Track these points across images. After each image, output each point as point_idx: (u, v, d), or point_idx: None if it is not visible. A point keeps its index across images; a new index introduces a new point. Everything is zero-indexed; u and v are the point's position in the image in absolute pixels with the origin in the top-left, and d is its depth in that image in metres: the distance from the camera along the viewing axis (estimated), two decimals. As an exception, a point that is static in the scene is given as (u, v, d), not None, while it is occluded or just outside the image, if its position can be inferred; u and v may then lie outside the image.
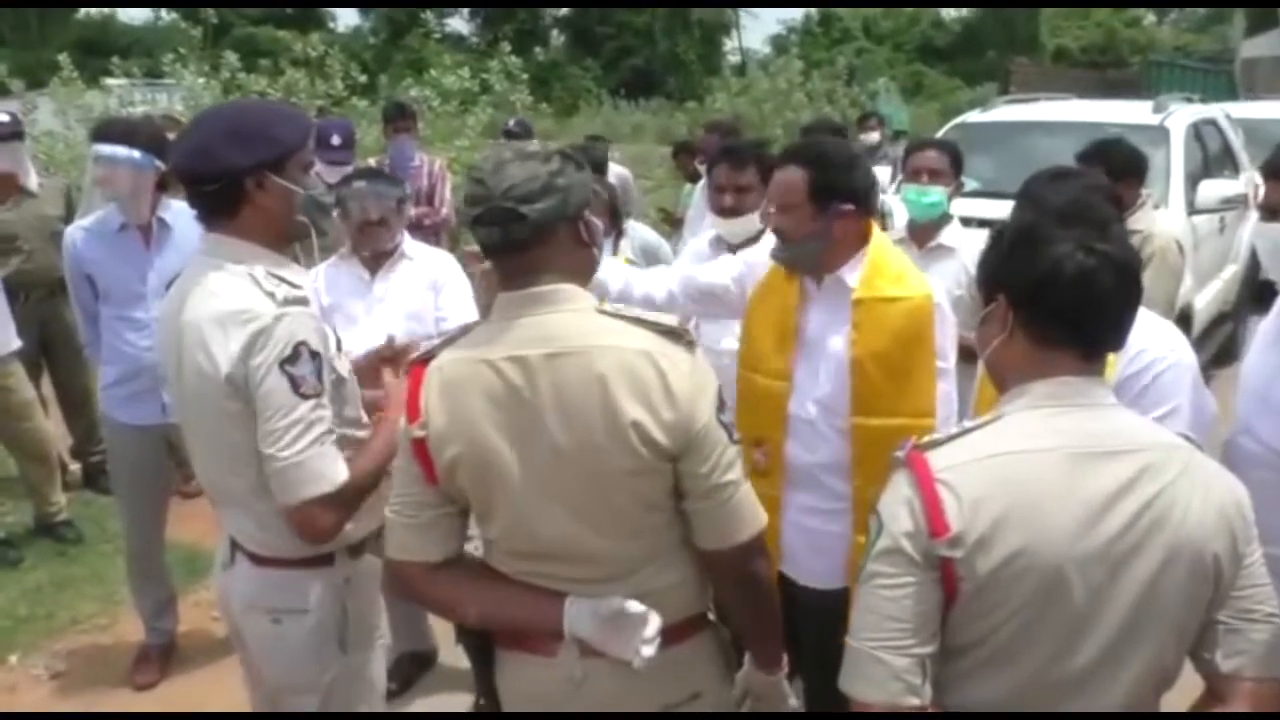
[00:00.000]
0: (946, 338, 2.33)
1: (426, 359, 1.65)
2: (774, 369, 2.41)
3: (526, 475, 1.59)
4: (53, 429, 5.03)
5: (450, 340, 1.67)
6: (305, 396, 1.85)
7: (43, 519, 4.59)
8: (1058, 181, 2.18)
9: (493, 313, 1.65)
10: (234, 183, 1.90)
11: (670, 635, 1.63)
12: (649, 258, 3.92)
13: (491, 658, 1.76)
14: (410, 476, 1.67)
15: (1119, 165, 3.42)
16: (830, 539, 2.37)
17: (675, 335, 1.60)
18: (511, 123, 7.16)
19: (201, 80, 9.91)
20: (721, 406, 1.61)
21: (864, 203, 2.35)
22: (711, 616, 1.78)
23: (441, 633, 3.58)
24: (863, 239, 2.36)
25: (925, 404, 2.28)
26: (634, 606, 1.60)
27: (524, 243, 1.58)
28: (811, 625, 2.41)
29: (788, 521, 2.43)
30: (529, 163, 1.58)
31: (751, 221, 3.05)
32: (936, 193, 3.49)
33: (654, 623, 1.60)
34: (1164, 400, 1.94)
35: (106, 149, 3.21)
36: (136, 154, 3.21)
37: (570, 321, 1.58)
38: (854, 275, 2.33)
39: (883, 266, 2.33)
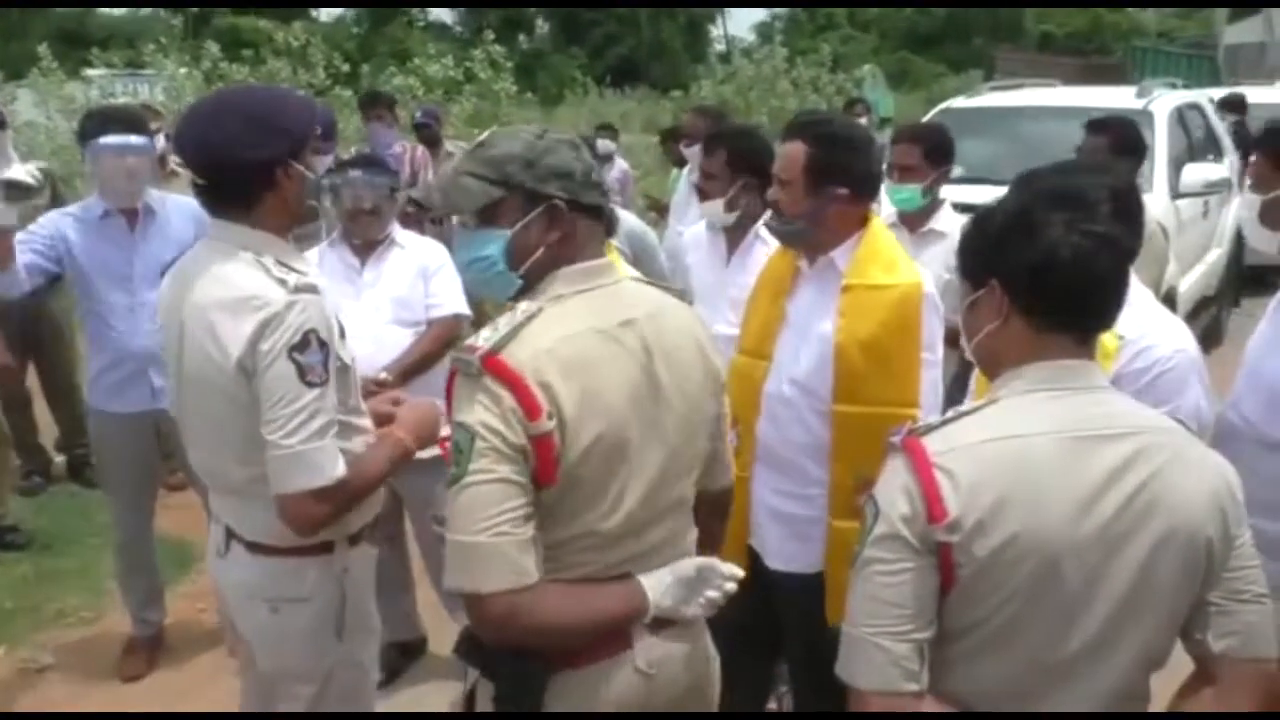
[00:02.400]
0: (935, 329, 2.31)
1: (494, 351, 1.49)
2: (757, 348, 2.41)
3: (645, 441, 1.57)
4: (39, 421, 5.01)
5: (518, 327, 1.52)
6: (311, 385, 1.83)
7: None
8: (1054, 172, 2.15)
9: (560, 286, 1.59)
10: (263, 172, 1.89)
11: None
12: (635, 245, 3.91)
13: (543, 690, 1.58)
14: (517, 487, 1.47)
15: (1122, 141, 3.56)
16: (806, 524, 2.35)
17: (684, 297, 1.78)
18: (420, 114, 7.09)
19: (183, 70, 9.86)
20: None
21: (861, 188, 2.33)
22: None
23: (430, 622, 3.58)
24: (859, 223, 2.34)
25: (910, 393, 2.26)
26: (717, 563, 1.67)
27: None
28: (792, 610, 2.41)
29: (757, 501, 2.41)
30: None
31: (718, 206, 3.05)
32: (909, 190, 3.50)
33: (730, 569, 1.66)
34: (1164, 401, 1.91)
35: (134, 139, 3.20)
36: (146, 140, 3.23)
37: (633, 285, 1.69)
38: (845, 259, 2.31)
39: (877, 253, 2.31)
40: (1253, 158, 2.50)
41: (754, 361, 2.40)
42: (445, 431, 3.45)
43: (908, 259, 2.38)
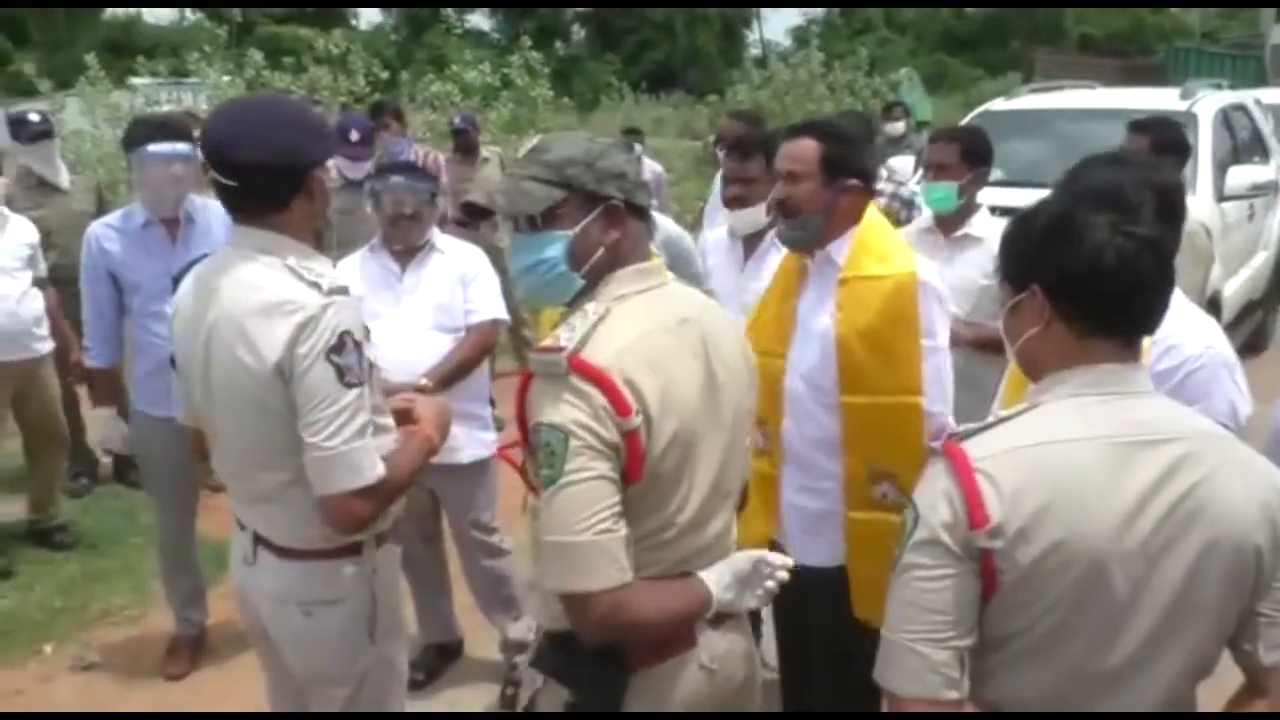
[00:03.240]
0: (933, 315, 2.36)
1: (576, 352, 1.51)
2: (770, 347, 2.45)
3: (708, 435, 1.61)
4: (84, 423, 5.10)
5: (593, 327, 1.54)
6: (350, 386, 1.84)
7: (36, 523, 4.60)
8: (1098, 167, 2.12)
9: (626, 285, 1.61)
10: (302, 173, 1.92)
11: None
12: (671, 250, 3.91)
13: (624, 693, 1.60)
14: (613, 484, 1.49)
15: (1164, 140, 3.57)
16: (817, 517, 2.42)
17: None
18: (459, 119, 7.11)
19: (226, 78, 9.99)
20: None
21: (868, 180, 2.48)
22: None
23: (468, 625, 3.61)
24: (857, 217, 2.42)
25: (912, 381, 2.32)
26: (769, 556, 1.69)
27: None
28: (813, 605, 2.43)
29: (785, 500, 2.47)
30: None
31: (759, 213, 3.05)
32: (943, 188, 3.46)
33: (782, 559, 1.69)
34: (1194, 400, 1.89)
35: (181, 147, 3.27)
36: (192, 148, 3.29)
37: (679, 287, 1.72)
38: (842, 253, 2.40)
39: (870, 244, 2.39)
40: None
41: (771, 360, 2.44)
42: (490, 438, 3.46)
43: (903, 248, 2.44)
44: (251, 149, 1.88)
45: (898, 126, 8.53)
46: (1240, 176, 5.98)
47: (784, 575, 1.68)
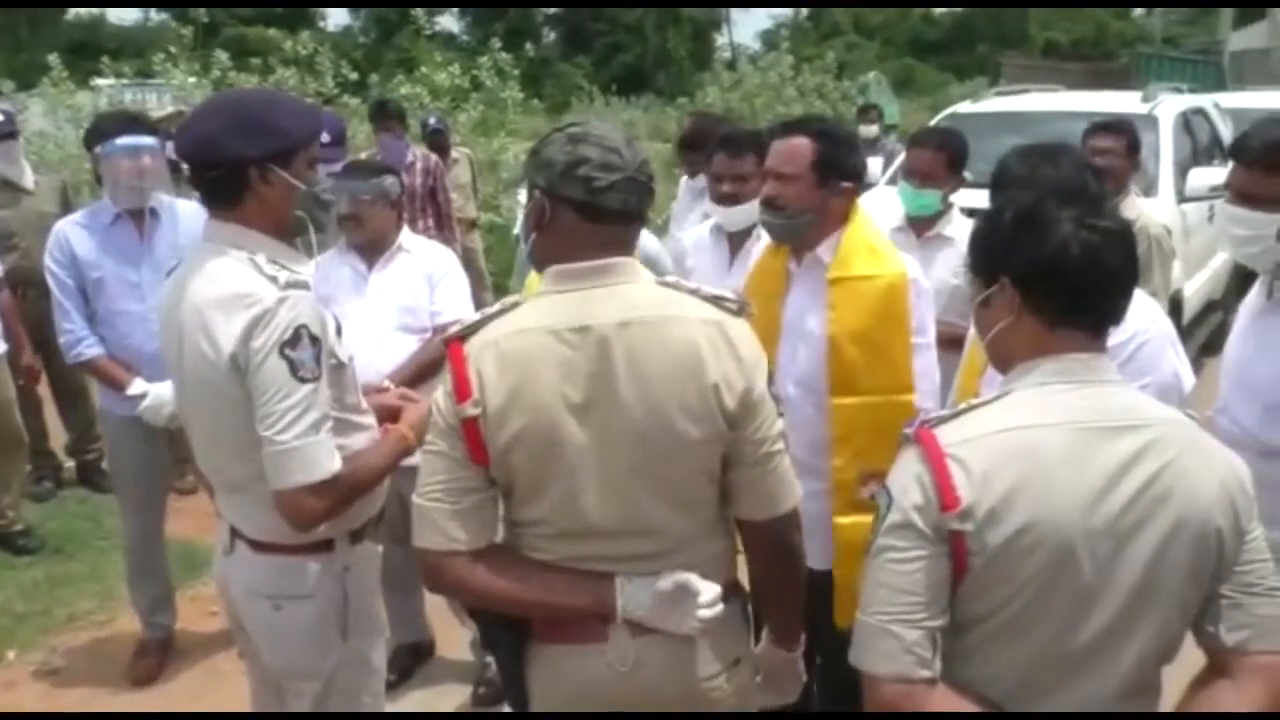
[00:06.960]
0: (924, 313, 2.37)
1: (462, 337, 1.60)
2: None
3: (594, 447, 1.57)
4: (49, 426, 5.04)
5: (489, 317, 1.61)
6: (303, 380, 1.84)
7: None
8: (1047, 160, 2.14)
9: (546, 284, 1.62)
10: (238, 172, 1.90)
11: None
12: (647, 265, 3.92)
13: (523, 656, 1.71)
14: (452, 461, 1.60)
15: (1133, 139, 3.88)
16: (815, 520, 2.35)
17: (732, 307, 1.65)
18: (433, 120, 7.32)
19: (192, 80, 9.89)
20: (770, 377, 1.67)
21: (860, 182, 2.44)
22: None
23: (439, 624, 3.60)
24: (846, 218, 2.40)
25: (902, 380, 2.32)
26: (695, 581, 1.63)
27: (639, 213, 1.65)
28: (808, 607, 2.44)
29: None
30: (636, 144, 1.68)
31: (752, 209, 3.07)
32: (929, 196, 3.47)
33: (713, 592, 1.64)
34: (1145, 372, 1.95)
35: (146, 139, 3.27)
36: (157, 141, 3.30)
37: (639, 291, 1.62)
38: (830, 253, 2.37)
39: (859, 244, 2.37)
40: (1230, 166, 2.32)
41: None
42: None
43: (891, 248, 2.44)
44: (196, 140, 1.92)
45: (871, 129, 8.59)
46: (1200, 178, 6.08)
47: (705, 614, 1.63)
